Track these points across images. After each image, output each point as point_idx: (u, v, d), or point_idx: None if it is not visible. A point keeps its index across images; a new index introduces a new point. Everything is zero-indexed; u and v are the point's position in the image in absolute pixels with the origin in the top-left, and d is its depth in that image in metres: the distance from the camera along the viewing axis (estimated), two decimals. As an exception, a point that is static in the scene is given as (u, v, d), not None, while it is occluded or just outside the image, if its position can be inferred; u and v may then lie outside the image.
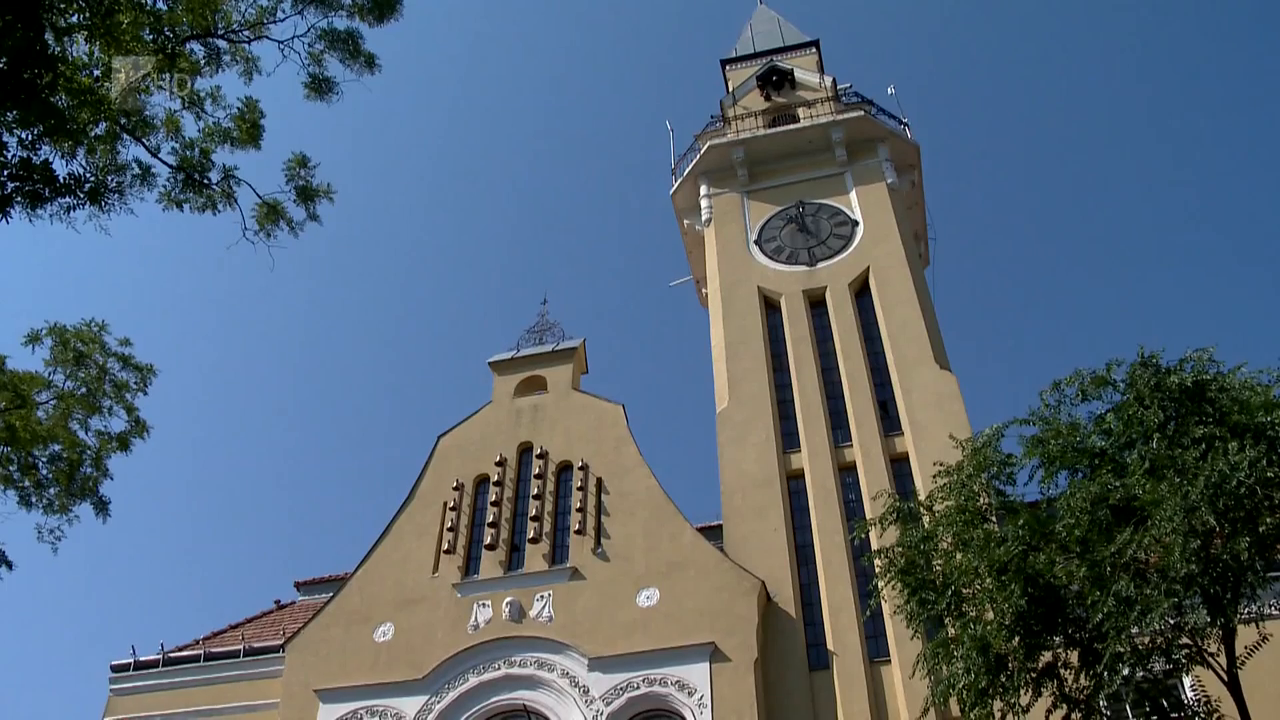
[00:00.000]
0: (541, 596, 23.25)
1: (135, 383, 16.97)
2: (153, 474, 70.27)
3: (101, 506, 16.83)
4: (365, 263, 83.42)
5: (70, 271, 72.50)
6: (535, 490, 25.16)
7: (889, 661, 21.04)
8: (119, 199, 13.16)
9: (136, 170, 13.31)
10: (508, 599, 23.27)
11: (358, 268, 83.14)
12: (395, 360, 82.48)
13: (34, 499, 16.21)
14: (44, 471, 16.24)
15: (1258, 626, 14.35)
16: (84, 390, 16.56)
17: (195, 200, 14.03)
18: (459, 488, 25.75)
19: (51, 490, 16.32)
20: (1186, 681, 16.62)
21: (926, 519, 16.15)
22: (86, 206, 12.76)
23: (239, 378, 78.58)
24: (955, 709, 16.40)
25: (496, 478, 25.69)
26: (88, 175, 12.84)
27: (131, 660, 25.23)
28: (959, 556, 15.08)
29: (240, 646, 24.88)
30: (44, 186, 11.96)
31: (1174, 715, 14.74)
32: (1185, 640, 14.01)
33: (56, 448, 16.30)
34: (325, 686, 23.00)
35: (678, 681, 21.22)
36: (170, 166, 13.72)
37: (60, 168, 12.46)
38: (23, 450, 15.61)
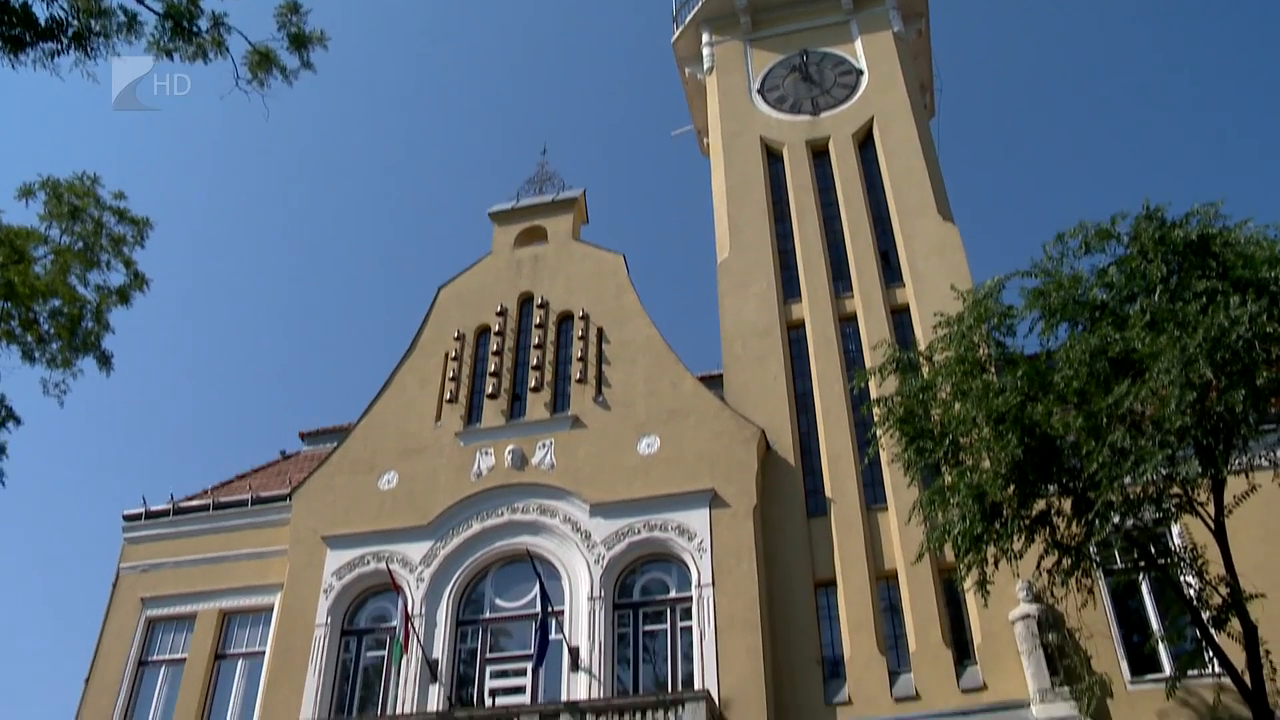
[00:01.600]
0: (543, 444, 23.56)
1: (132, 236, 16.81)
2: (155, 328, 70.37)
3: (104, 360, 16.85)
4: (363, 113, 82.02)
5: (60, 125, 71.32)
6: (536, 340, 25.27)
7: (886, 508, 21.43)
8: (104, 43, 12.79)
9: (122, 18, 12.90)
10: (510, 447, 23.59)
11: (355, 118, 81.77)
12: (395, 212, 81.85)
13: (37, 354, 16.22)
14: (45, 326, 16.21)
15: (1247, 477, 14.59)
16: (81, 245, 16.42)
17: (185, 49, 13.60)
18: (460, 338, 25.84)
19: (54, 345, 16.31)
20: (1174, 529, 17.00)
21: (926, 369, 16.25)
22: (71, 52, 12.42)
23: (238, 231, 78.04)
24: (950, 555, 16.74)
25: (497, 328, 25.77)
26: (70, 19, 12.46)
27: (143, 510, 25.69)
28: (957, 406, 15.22)
29: (248, 496, 25.30)
30: (24, 31, 11.62)
31: (1161, 561, 15.08)
32: (1176, 490, 14.25)
33: (56, 302, 16.22)
34: (332, 533, 23.52)
35: (678, 527, 21.65)
36: (157, 14, 13.29)
37: (41, 11, 12.10)
38: (22, 305, 15.55)
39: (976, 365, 15.38)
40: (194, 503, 25.64)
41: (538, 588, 20.92)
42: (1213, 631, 14.17)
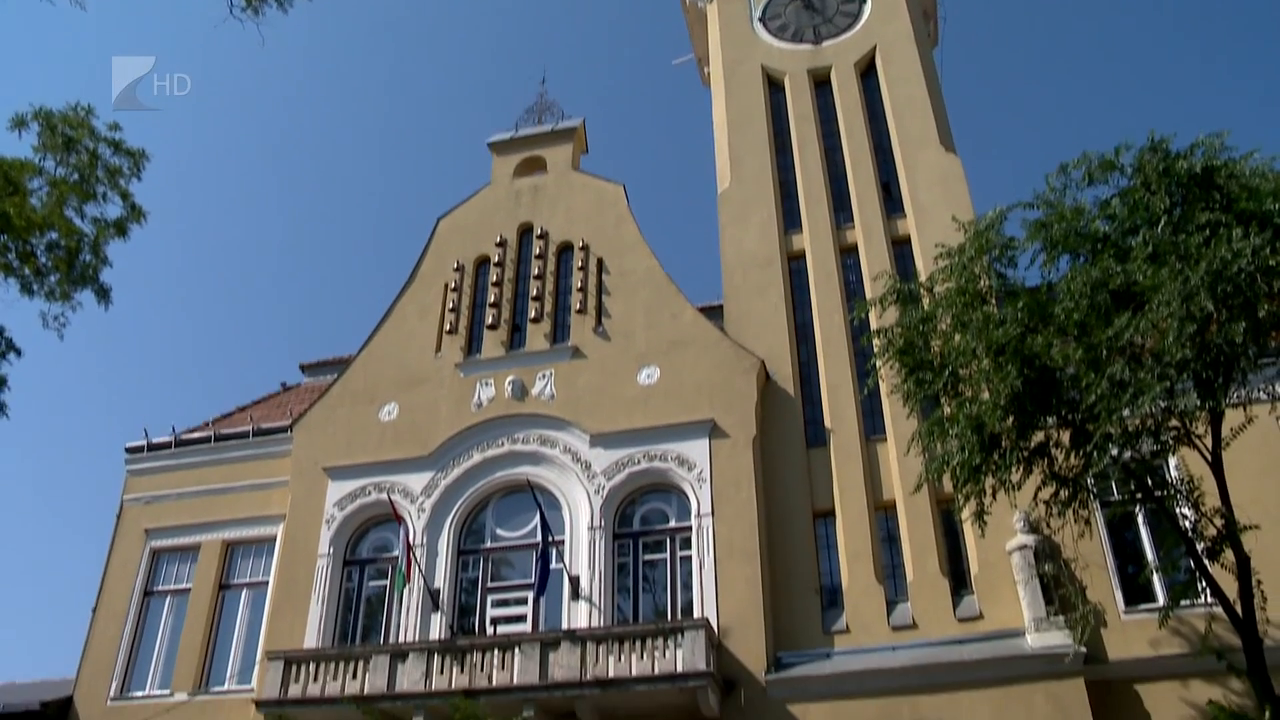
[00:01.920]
0: (543, 375, 23.60)
1: (128, 168, 16.62)
2: (154, 261, 70.34)
3: (103, 294, 16.79)
4: (360, 42, 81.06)
5: (53, 56, 70.45)
6: (536, 270, 25.20)
7: (885, 439, 21.51)
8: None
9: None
10: (510, 378, 23.63)
11: (352, 48, 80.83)
12: (393, 143, 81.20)
13: (35, 287, 16.15)
14: (43, 259, 16.12)
15: (1245, 410, 14.61)
16: (76, 176, 16.24)
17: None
18: (459, 269, 25.78)
19: (52, 278, 16.24)
20: (1172, 462, 17.07)
21: (926, 300, 16.20)
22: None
23: (236, 164, 77.54)
24: (948, 485, 16.86)
25: (497, 258, 25.69)
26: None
27: (145, 443, 25.84)
28: (957, 337, 15.20)
29: (249, 428, 25.41)
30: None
31: (1158, 493, 15.16)
32: (1174, 423, 14.27)
33: (53, 235, 16.10)
34: (333, 464, 23.68)
35: (677, 457, 21.76)
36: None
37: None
38: (19, 238, 15.44)
39: (977, 297, 15.33)
40: (196, 435, 25.77)
41: (538, 518, 21.08)
42: (1206, 562, 14.30)
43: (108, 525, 25.19)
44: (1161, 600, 17.50)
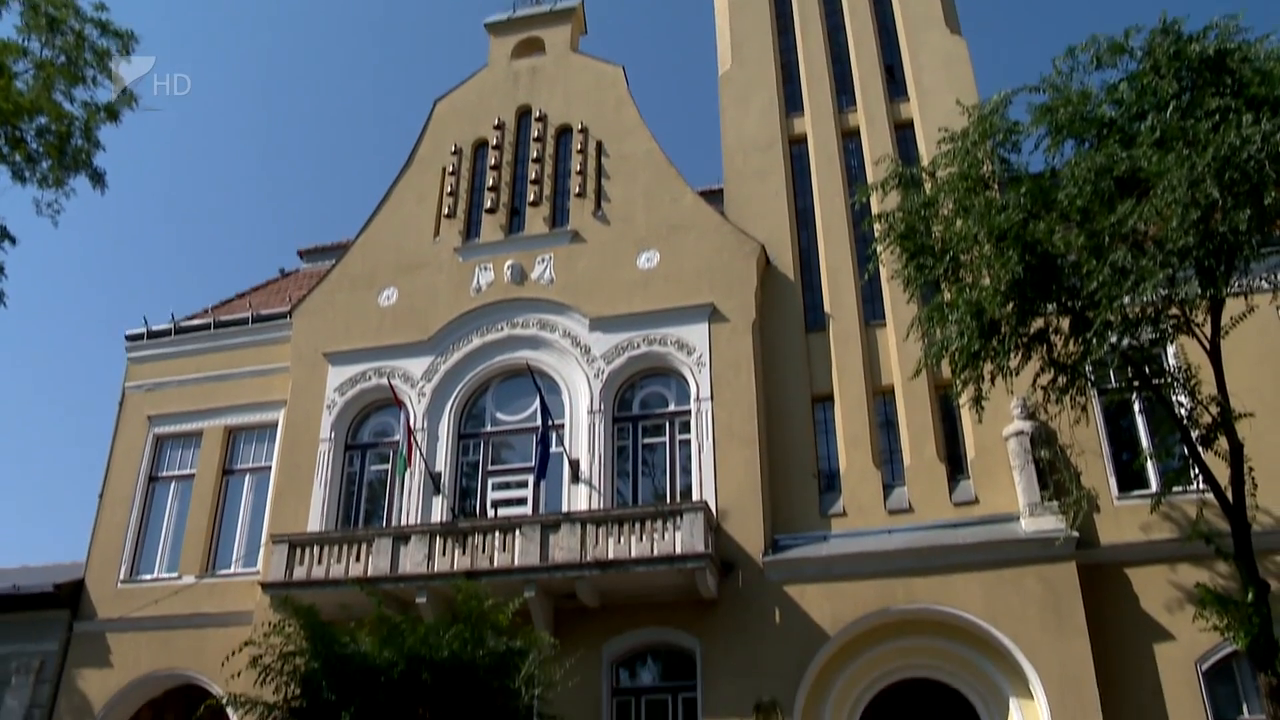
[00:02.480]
0: (542, 259, 23.48)
1: (117, 50, 16.30)
2: (148, 146, 69.45)
3: (97, 179, 16.61)
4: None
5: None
6: (534, 153, 24.87)
7: (884, 324, 21.47)
8: None
9: None
10: (509, 262, 23.51)
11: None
12: (390, 24, 79.46)
13: (27, 173, 15.95)
14: (33, 144, 15.88)
15: (1246, 299, 14.55)
16: (63, 59, 15.92)
17: None
18: (457, 152, 25.45)
19: (43, 163, 16.03)
20: (1170, 350, 17.08)
21: (928, 185, 16.02)
22: None
23: (232, 47, 75.97)
24: (946, 371, 16.88)
25: (495, 141, 25.35)
26: None
27: (144, 330, 25.85)
28: (959, 223, 15.05)
29: (248, 314, 25.39)
30: None
31: (1155, 381, 15.19)
32: (1174, 311, 14.22)
33: (42, 120, 15.85)
34: (333, 350, 23.72)
35: (677, 341, 21.77)
36: None
37: None
38: (6, 122, 15.19)
39: (980, 182, 15.13)
40: (195, 322, 25.76)
41: (538, 402, 21.18)
42: (1200, 450, 14.40)
43: (111, 413, 25.45)
44: (1154, 486, 17.70)
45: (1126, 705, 17.11)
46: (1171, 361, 16.59)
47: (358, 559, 20.28)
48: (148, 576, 23.41)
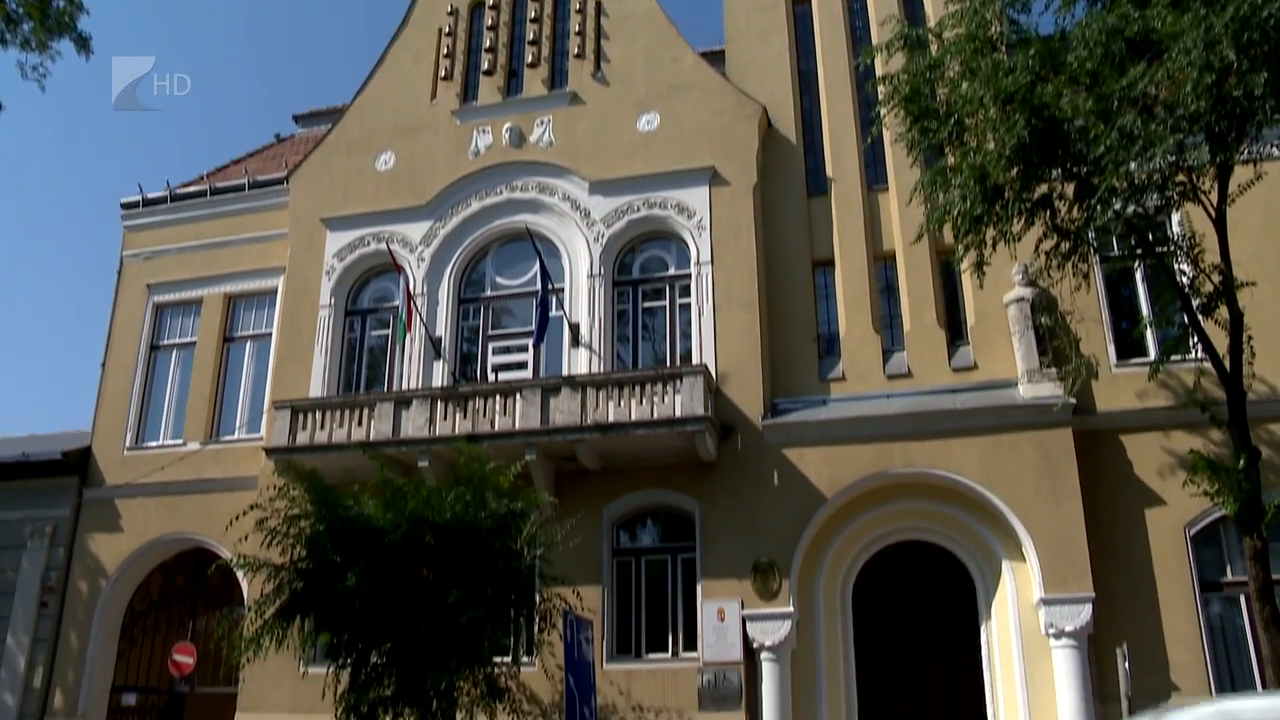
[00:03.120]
0: (541, 121, 23.09)
1: (97, -97, 15.75)
2: (138, 9, 67.68)
3: (83, 43, 16.17)
4: None
5: None
6: (532, 13, 24.21)
7: (886, 189, 21.21)
8: None
9: None
10: (507, 124, 23.14)
11: None
12: None
13: (8, 35, 15.52)
14: (12, 4, 15.41)
15: (1254, 166, 14.32)
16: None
17: None
18: (454, 13, 24.75)
19: (25, 25, 15.59)
20: (1174, 218, 16.89)
21: (934, 47, 15.60)
22: None
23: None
24: (948, 236, 16.76)
25: (492, 1, 24.67)
26: None
27: (140, 198, 25.56)
28: (965, 85, 14.72)
29: (244, 180, 25.07)
30: None
31: (1159, 249, 15.07)
32: (1181, 177, 14.03)
33: (20, -24, 15.39)
34: (331, 215, 23.51)
35: (677, 204, 21.56)
36: None
37: None
38: (-22, -17, 14.75)
39: (987, 43, 14.72)
40: (191, 189, 25.47)
41: (538, 265, 21.07)
42: (1200, 318, 14.36)
43: (110, 283, 25.38)
44: (1153, 354, 17.72)
45: (1116, 568, 17.47)
46: (1175, 229, 16.40)
47: (359, 423, 20.46)
48: (153, 443, 23.68)
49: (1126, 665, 13.66)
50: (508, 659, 16.70)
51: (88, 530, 23.11)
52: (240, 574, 19.02)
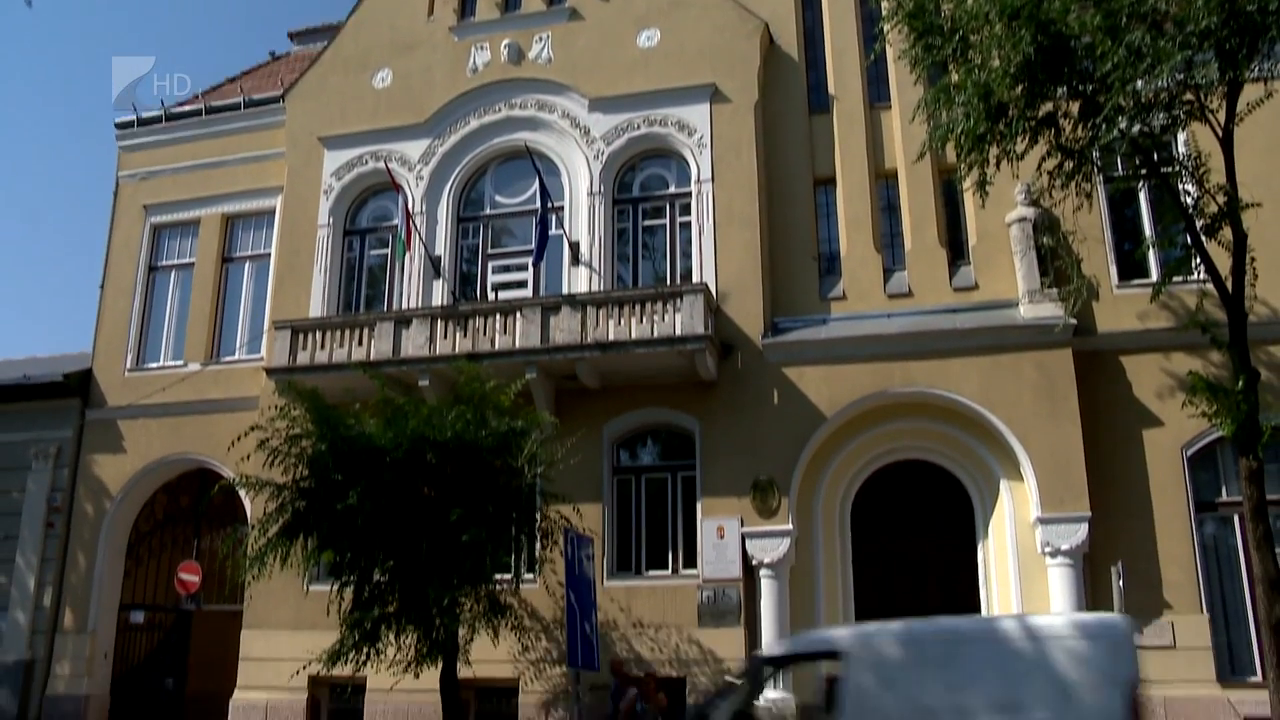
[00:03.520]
0: (540, 38, 22.73)
1: None
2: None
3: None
4: None
5: None
6: (530, -76, 23.74)
7: (889, 106, 20.92)
8: None
9: None
10: (505, 41, 22.78)
11: None
12: None
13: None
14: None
15: (1265, 84, 14.11)
16: None
17: None
18: (449, -77, 24.26)
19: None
20: (1180, 138, 16.69)
21: (939, -40, 15.31)
22: None
23: None
24: (951, 154, 16.59)
25: (489, -88, 24.14)
26: None
27: (134, 118, 25.24)
28: (969, 1, 14.46)
29: (240, 99, 24.75)
30: None
31: (1164, 169, 14.92)
32: (1188, 96, 13.82)
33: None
34: (328, 134, 23.24)
35: (678, 122, 21.33)
36: None
37: None
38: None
39: (993, -44, 14.46)
40: (186, 108, 25.15)
41: (537, 184, 20.91)
42: (1203, 239, 14.26)
43: (107, 204, 25.21)
44: (1155, 276, 17.60)
45: (1113, 488, 17.57)
46: (1181, 149, 16.21)
47: (360, 343, 20.47)
48: (154, 365, 23.70)
49: (1121, 583, 13.82)
50: (509, 576, 16.94)
51: (91, 451, 23.25)
52: (243, 493, 19.22)
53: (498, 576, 16.47)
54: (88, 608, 22.32)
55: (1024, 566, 17.75)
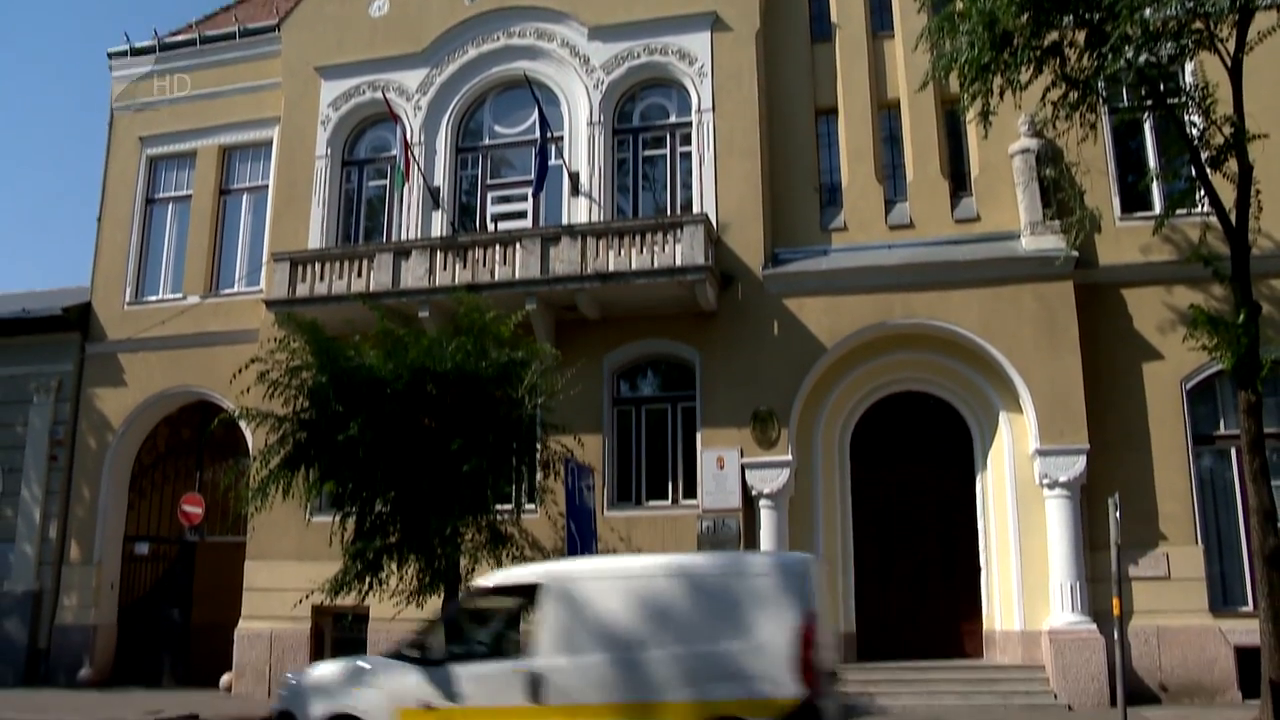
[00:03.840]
0: (539, -37, 22.34)
1: None
2: None
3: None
4: None
5: None
6: None
7: (892, 35, 20.57)
8: None
9: None
10: (504, -34, 22.43)
11: None
12: None
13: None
14: None
15: (1277, 11, 13.91)
16: None
17: None
18: None
19: None
20: (1187, 69, 16.50)
21: (945, -118, 15.04)
22: None
23: None
24: (954, 84, 16.46)
25: None
26: None
27: (128, 48, 24.89)
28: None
29: (235, 28, 24.34)
30: None
31: (1170, 100, 14.77)
32: (1198, 24, 13.65)
33: None
34: (325, 64, 22.93)
35: (678, 50, 21.09)
36: None
37: None
38: None
39: (1000, -122, 14.16)
40: (180, 38, 24.78)
41: (536, 113, 20.70)
42: (1208, 171, 14.16)
43: (102, 136, 24.94)
44: (1158, 208, 17.50)
45: (1111, 421, 17.63)
46: (1188, 79, 16.04)
47: (359, 275, 20.40)
48: (153, 298, 23.64)
49: (1117, 515, 13.90)
50: (510, 506, 17.05)
51: (92, 385, 23.29)
52: (244, 426, 19.25)
53: (499, 507, 16.57)
54: (93, 540, 22.50)
55: (1022, 498, 17.88)
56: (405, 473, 15.41)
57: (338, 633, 20.36)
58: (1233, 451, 17.12)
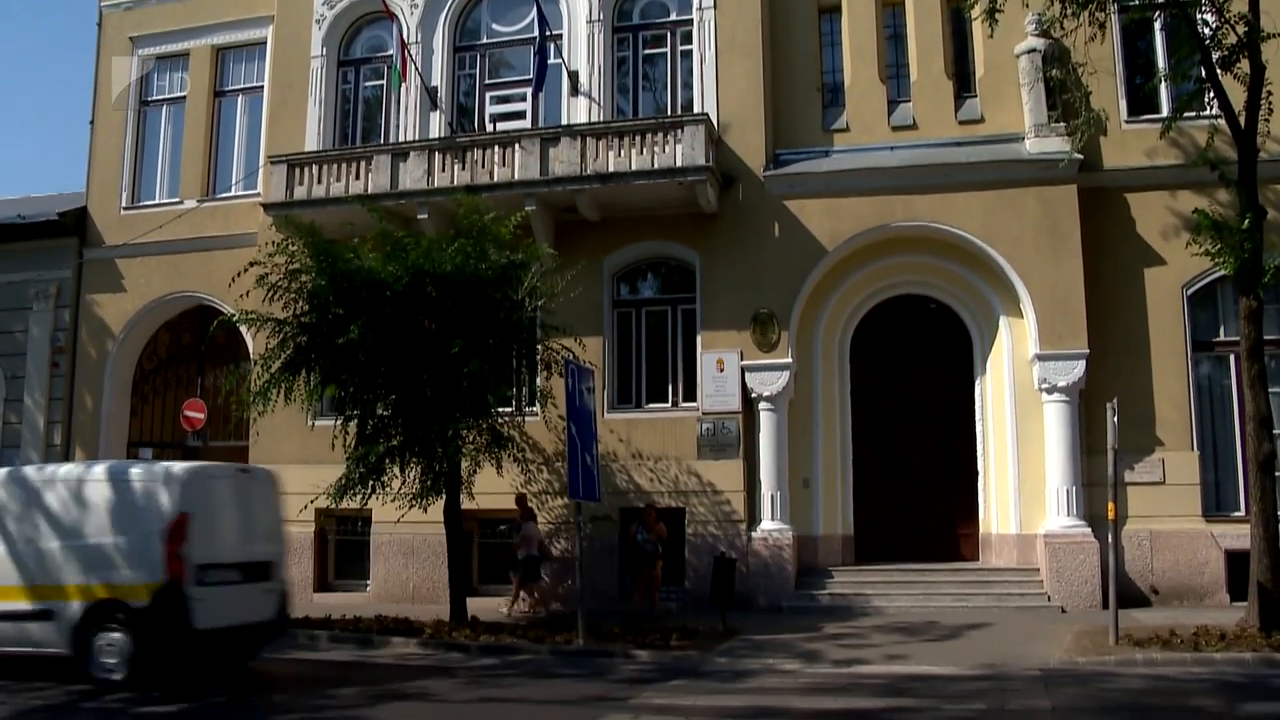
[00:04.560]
0: None
1: None
2: None
3: None
4: None
5: None
6: None
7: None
8: None
9: None
10: None
11: None
12: None
13: None
14: None
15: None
16: None
17: None
18: None
19: None
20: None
21: None
22: None
23: None
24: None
25: None
26: None
27: (118, -23, 24.22)
28: None
29: (224, -78, 23.64)
30: None
31: (1181, -2, 14.45)
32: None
33: None
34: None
35: (679, -51, 20.66)
36: None
37: None
38: None
39: None
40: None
41: (535, 11, 20.25)
42: (1218, 72, 13.92)
43: (92, 36, 24.32)
44: (1165, 111, 17.26)
45: (1111, 325, 17.64)
46: None
47: (357, 177, 20.20)
48: (149, 202, 23.39)
49: (1115, 420, 13.96)
50: (511, 410, 17.14)
51: (90, 290, 23.19)
52: (244, 330, 19.27)
53: (499, 410, 16.65)
54: (97, 445, 22.56)
55: (1020, 402, 17.98)
56: (406, 376, 15.50)
57: (342, 535, 20.63)
58: (1231, 358, 17.15)
